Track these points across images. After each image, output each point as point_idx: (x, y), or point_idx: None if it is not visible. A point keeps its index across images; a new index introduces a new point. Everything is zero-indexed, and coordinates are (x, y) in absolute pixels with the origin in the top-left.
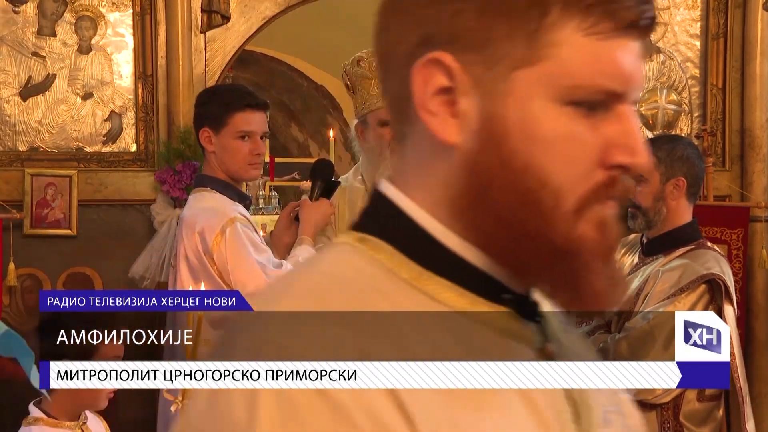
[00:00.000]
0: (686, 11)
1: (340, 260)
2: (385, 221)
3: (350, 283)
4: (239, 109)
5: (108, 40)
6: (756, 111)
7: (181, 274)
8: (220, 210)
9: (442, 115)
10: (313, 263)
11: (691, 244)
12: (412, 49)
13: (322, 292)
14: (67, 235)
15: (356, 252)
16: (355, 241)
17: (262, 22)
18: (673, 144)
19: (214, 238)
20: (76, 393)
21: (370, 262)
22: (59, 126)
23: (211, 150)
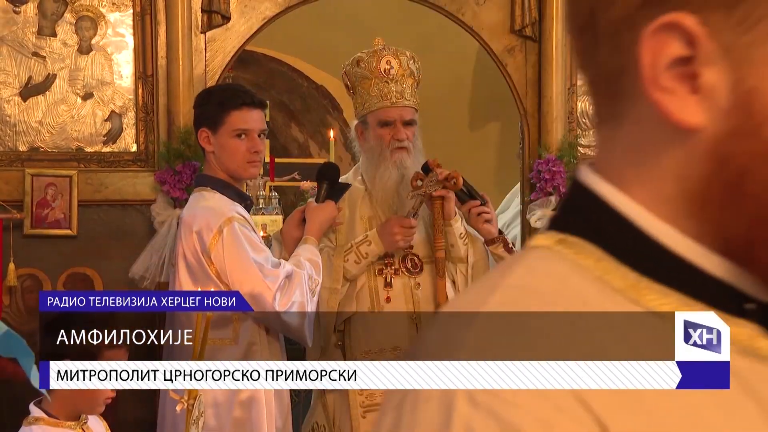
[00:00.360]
0: None
1: (537, 269)
2: (592, 219)
3: (551, 296)
4: (235, 107)
5: (108, 41)
6: None
7: (179, 273)
8: (217, 210)
9: (680, 91)
10: (505, 273)
11: None
12: (632, 12)
13: (518, 310)
14: (68, 235)
15: (556, 257)
16: (555, 244)
17: (263, 22)
18: None
19: (212, 237)
20: (73, 396)
21: (574, 269)
22: (59, 126)
23: (210, 150)
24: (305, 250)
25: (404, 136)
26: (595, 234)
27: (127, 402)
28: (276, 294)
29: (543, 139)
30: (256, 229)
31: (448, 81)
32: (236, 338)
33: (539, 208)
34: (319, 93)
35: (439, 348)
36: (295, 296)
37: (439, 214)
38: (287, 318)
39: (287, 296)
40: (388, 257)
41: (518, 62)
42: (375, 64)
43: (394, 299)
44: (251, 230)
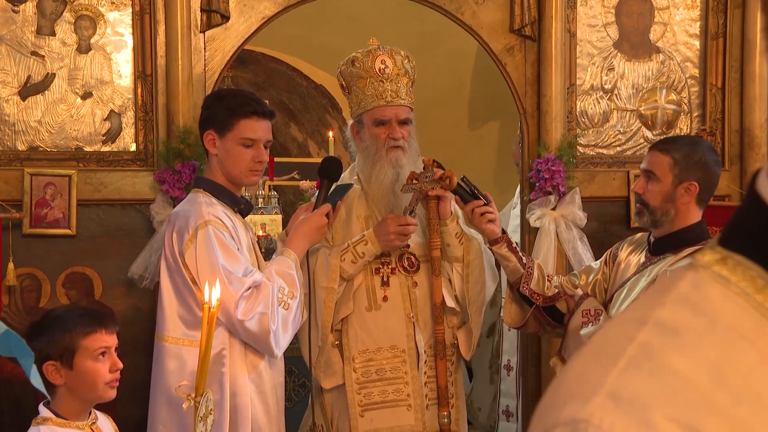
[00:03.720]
0: (686, 11)
1: (689, 299)
2: (761, 236)
3: (699, 338)
4: (245, 115)
5: (107, 40)
6: (755, 111)
7: (161, 272)
8: (197, 212)
9: None
10: (656, 304)
11: (700, 244)
12: None
13: (652, 355)
14: (67, 234)
15: (712, 282)
16: (715, 263)
17: (262, 21)
18: (692, 147)
19: (187, 239)
20: (75, 387)
21: (729, 297)
22: (58, 125)
23: (214, 153)
24: (278, 262)
25: (399, 134)
26: (761, 254)
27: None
28: (238, 302)
29: (542, 138)
30: (237, 235)
31: (447, 80)
32: None
33: (538, 207)
34: (319, 92)
35: (579, 385)
36: (258, 307)
37: (435, 213)
38: (249, 325)
39: (250, 306)
40: (385, 256)
41: (517, 61)
42: (370, 64)
43: (391, 298)
44: (229, 235)
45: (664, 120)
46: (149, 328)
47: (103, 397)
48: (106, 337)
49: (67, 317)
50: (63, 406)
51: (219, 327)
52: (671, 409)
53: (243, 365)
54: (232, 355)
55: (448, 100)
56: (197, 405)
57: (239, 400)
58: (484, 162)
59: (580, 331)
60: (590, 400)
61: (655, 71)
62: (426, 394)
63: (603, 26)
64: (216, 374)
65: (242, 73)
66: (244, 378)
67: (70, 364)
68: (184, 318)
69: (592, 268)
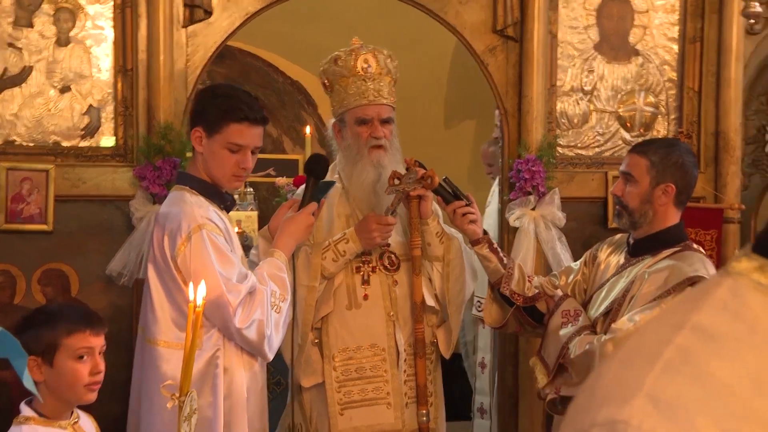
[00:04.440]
0: (664, 15)
1: (727, 306)
2: None
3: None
4: (236, 120)
5: (87, 33)
6: (731, 115)
7: (149, 272)
8: (189, 214)
9: None
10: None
11: (677, 245)
12: None
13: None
14: (43, 230)
15: (751, 289)
16: (753, 271)
17: (245, 17)
18: (669, 149)
19: (180, 243)
20: (54, 386)
21: None
22: (36, 119)
23: (199, 151)
24: (269, 264)
25: (381, 134)
26: None
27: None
28: (237, 310)
29: (523, 138)
30: (229, 236)
31: (424, 79)
32: (200, 343)
33: (518, 207)
34: (295, 89)
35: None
36: (255, 314)
37: (416, 212)
38: (246, 334)
39: (247, 313)
40: (366, 255)
41: (499, 62)
42: (353, 63)
43: (372, 297)
44: (223, 238)
45: (642, 122)
46: (128, 326)
47: (82, 399)
48: (91, 338)
49: (55, 313)
50: (45, 405)
51: (212, 329)
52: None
53: (240, 366)
54: (228, 357)
55: (425, 100)
56: (182, 405)
57: (234, 400)
58: (459, 161)
59: (560, 332)
60: (629, 402)
61: (634, 74)
62: (405, 392)
63: (584, 28)
64: (210, 377)
65: (218, 67)
66: (240, 378)
67: (50, 362)
68: (177, 322)
69: (571, 269)
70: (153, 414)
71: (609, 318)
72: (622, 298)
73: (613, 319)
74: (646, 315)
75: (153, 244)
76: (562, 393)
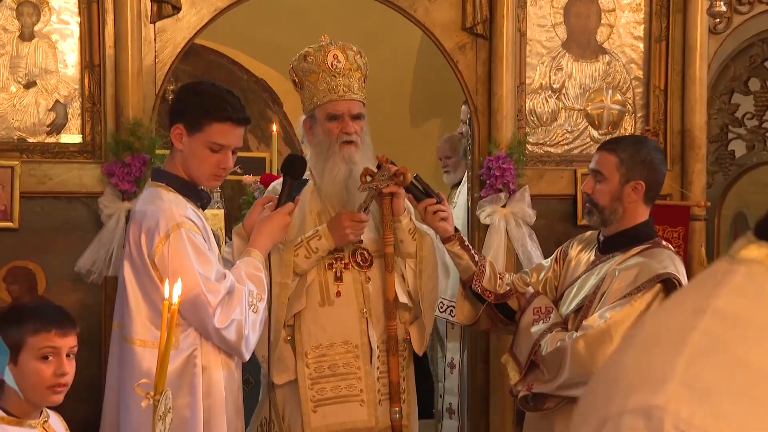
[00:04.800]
0: (630, 14)
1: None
2: None
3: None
4: (218, 119)
5: (52, 27)
6: (696, 113)
7: (124, 269)
8: (167, 212)
9: None
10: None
11: (647, 242)
12: None
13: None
14: (9, 228)
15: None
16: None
17: (214, 13)
18: (638, 147)
19: (158, 241)
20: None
21: None
22: (0, 115)
23: (179, 148)
24: (247, 263)
25: (352, 129)
26: None
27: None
28: (216, 310)
29: (493, 136)
30: (207, 234)
31: (389, 77)
32: (177, 343)
33: (489, 204)
34: (260, 86)
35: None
36: (234, 314)
37: (389, 210)
38: (225, 334)
39: (226, 313)
40: (338, 252)
41: (469, 59)
42: (322, 58)
43: (345, 293)
44: (201, 237)
45: (610, 120)
46: (97, 324)
47: (45, 401)
48: (56, 338)
49: (24, 311)
50: (13, 404)
51: (189, 328)
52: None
53: (217, 365)
54: (206, 356)
55: (390, 98)
56: (156, 403)
57: (213, 400)
58: (425, 159)
59: (531, 329)
60: (662, 388)
61: (602, 72)
62: (378, 389)
63: (552, 26)
64: (187, 376)
65: (182, 65)
66: (219, 377)
67: (15, 361)
68: (153, 320)
69: (542, 266)
70: (130, 413)
71: (580, 315)
72: (593, 295)
73: (585, 315)
74: (616, 312)
75: (129, 241)
76: (534, 390)
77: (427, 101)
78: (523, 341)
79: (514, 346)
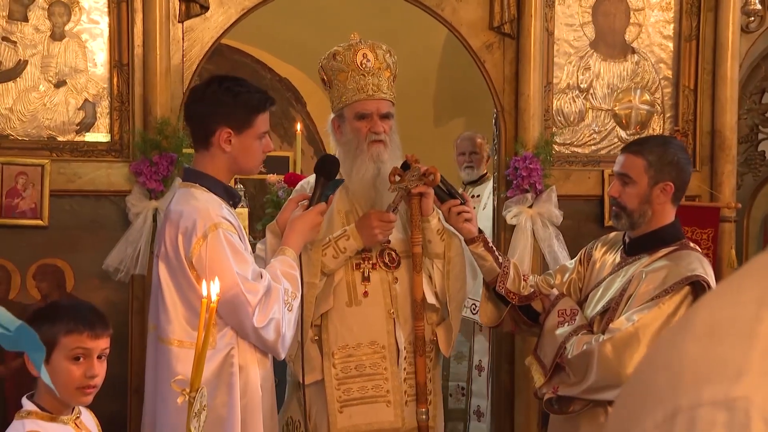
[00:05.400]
0: (660, 13)
1: None
2: None
3: None
4: (262, 110)
5: (82, 27)
6: (726, 113)
7: (160, 269)
8: (204, 212)
9: None
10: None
11: (675, 244)
12: None
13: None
14: (38, 225)
15: None
16: None
17: (241, 12)
18: (665, 147)
19: (196, 241)
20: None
21: None
22: (30, 114)
23: (228, 150)
24: (281, 262)
25: (381, 128)
26: None
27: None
28: (255, 309)
29: (520, 135)
30: (241, 233)
31: (413, 77)
32: (214, 343)
33: (515, 205)
34: (283, 86)
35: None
36: (273, 313)
37: (417, 209)
38: (264, 333)
39: (265, 312)
40: (366, 252)
41: (496, 59)
42: (351, 57)
43: (372, 294)
44: (237, 236)
45: (638, 120)
46: (124, 322)
47: (73, 401)
48: (88, 340)
49: (58, 310)
50: (46, 400)
51: (225, 328)
52: None
53: (254, 364)
54: (242, 355)
55: (414, 97)
56: (192, 401)
57: (249, 399)
58: (449, 159)
59: (556, 331)
60: (741, 379)
61: (630, 72)
62: (405, 390)
63: (580, 26)
64: (225, 376)
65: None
66: (255, 376)
67: (47, 359)
68: (190, 320)
69: (566, 268)
70: (168, 413)
71: (606, 317)
72: (620, 298)
73: (611, 318)
74: (644, 314)
75: (165, 242)
76: (559, 393)
77: (451, 100)
78: (548, 344)
79: (539, 349)
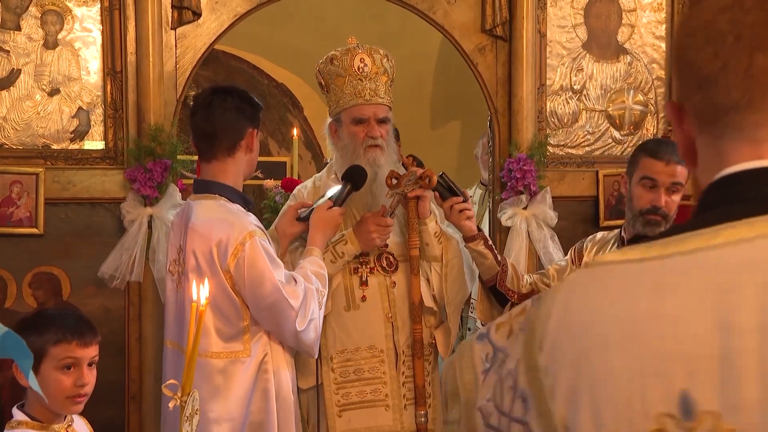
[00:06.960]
0: (652, 13)
1: None
2: None
3: None
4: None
5: (75, 35)
6: None
7: (191, 284)
8: (237, 223)
9: None
10: None
11: None
12: None
13: None
14: (33, 233)
15: None
16: None
17: (234, 19)
18: None
19: (233, 251)
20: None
21: None
22: (24, 122)
23: (254, 149)
24: (311, 262)
25: (378, 133)
26: None
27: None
28: (298, 313)
29: (513, 137)
30: (269, 238)
31: (409, 80)
32: (248, 350)
33: (510, 206)
34: (280, 91)
35: None
36: (311, 314)
37: (414, 213)
38: (304, 335)
39: (305, 315)
40: (364, 256)
41: (489, 61)
42: (349, 62)
43: (370, 298)
44: (269, 242)
45: (632, 120)
46: (120, 328)
47: (64, 410)
48: (77, 349)
49: (46, 320)
50: (37, 409)
51: (258, 333)
52: None
53: (285, 367)
54: (276, 360)
55: (410, 100)
56: (183, 404)
57: (282, 401)
58: (446, 161)
59: None
60: None
61: (623, 72)
62: (404, 394)
63: (572, 27)
64: (261, 382)
65: (202, 70)
66: (286, 379)
67: (36, 369)
68: (221, 331)
69: (561, 266)
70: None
71: None
72: None
73: None
74: None
75: (194, 255)
76: None
77: (446, 104)
78: None
79: None
